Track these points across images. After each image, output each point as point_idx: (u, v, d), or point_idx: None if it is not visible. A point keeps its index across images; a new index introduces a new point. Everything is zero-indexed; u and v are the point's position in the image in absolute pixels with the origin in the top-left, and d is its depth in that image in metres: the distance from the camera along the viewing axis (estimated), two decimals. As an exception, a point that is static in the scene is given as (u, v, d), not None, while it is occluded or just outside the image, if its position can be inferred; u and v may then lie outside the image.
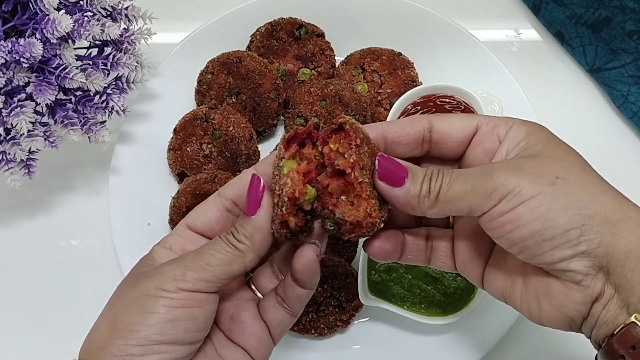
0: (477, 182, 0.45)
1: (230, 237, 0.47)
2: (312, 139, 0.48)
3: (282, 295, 0.51)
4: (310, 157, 0.48)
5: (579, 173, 0.45)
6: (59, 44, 0.63)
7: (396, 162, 0.47)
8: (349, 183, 0.46)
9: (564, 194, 0.43)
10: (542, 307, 0.46)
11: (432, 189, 0.46)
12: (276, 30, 0.81)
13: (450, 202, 0.45)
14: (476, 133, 0.50)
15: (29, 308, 0.75)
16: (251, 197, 0.47)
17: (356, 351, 0.72)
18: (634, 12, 0.84)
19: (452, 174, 0.46)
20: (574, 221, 0.43)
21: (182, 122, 0.76)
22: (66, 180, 0.80)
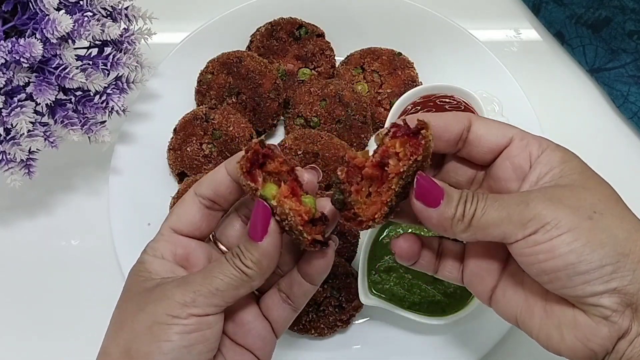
0: (514, 210, 0.45)
1: (237, 262, 0.47)
2: (268, 154, 0.48)
3: (286, 292, 0.51)
4: (279, 170, 0.48)
5: (615, 208, 0.46)
6: (59, 44, 0.63)
7: (434, 182, 0.47)
8: (381, 181, 0.47)
9: (601, 229, 0.43)
10: (565, 338, 0.46)
11: (466, 212, 0.46)
12: (276, 30, 0.81)
13: (483, 229, 0.46)
14: (509, 145, 0.50)
15: (29, 308, 0.75)
16: (257, 224, 0.47)
17: (356, 351, 0.72)
18: (634, 12, 0.84)
19: (487, 199, 0.46)
20: (609, 258, 0.43)
21: (182, 122, 0.76)
22: (66, 180, 0.80)
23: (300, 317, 0.70)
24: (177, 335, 0.45)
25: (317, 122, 0.77)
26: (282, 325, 0.52)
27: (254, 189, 0.46)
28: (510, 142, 0.50)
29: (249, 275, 0.47)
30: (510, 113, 0.77)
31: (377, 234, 0.72)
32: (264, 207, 0.46)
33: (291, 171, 0.48)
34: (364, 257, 0.70)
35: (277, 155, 0.48)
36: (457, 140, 0.51)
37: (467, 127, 0.50)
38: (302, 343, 0.72)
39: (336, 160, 0.73)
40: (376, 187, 0.47)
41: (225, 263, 0.47)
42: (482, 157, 0.51)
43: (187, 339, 0.45)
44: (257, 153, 0.47)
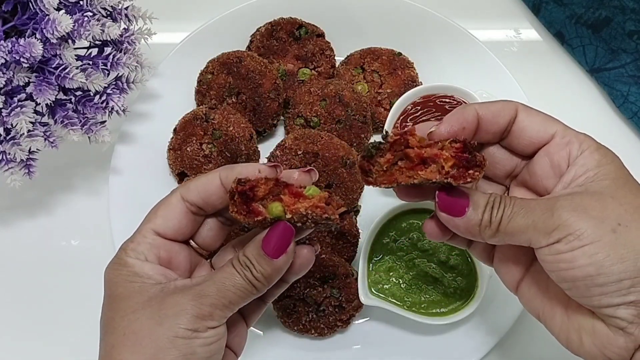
0: (539, 218, 0.45)
1: (248, 274, 0.48)
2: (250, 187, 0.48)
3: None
4: (269, 190, 0.49)
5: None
6: (59, 44, 0.63)
7: (459, 192, 0.48)
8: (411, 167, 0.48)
9: (623, 243, 0.44)
10: (584, 343, 0.47)
11: (493, 219, 0.47)
12: (276, 30, 0.81)
13: (510, 235, 0.47)
14: (550, 141, 0.50)
15: (29, 308, 0.75)
16: (278, 243, 0.48)
17: (356, 351, 0.72)
18: (634, 12, 0.84)
19: (515, 205, 0.47)
20: (628, 272, 0.43)
21: (182, 122, 0.76)
22: (66, 180, 0.80)
23: (300, 317, 0.70)
24: (200, 348, 0.46)
25: (317, 122, 0.77)
26: (252, 318, 0.54)
27: (262, 220, 0.48)
28: (552, 138, 0.50)
29: (257, 287, 0.48)
30: (510, 113, 0.77)
31: (377, 234, 0.72)
32: (287, 228, 0.48)
33: (277, 182, 0.49)
34: (364, 257, 0.70)
35: (257, 179, 0.49)
36: (503, 131, 0.51)
37: (514, 117, 0.51)
38: (302, 343, 0.72)
39: (336, 160, 0.73)
40: (404, 166, 0.49)
41: (236, 275, 0.48)
42: (523, 149, 0.51)
43: (209, 350, 0.47)
44: (242, 193, 0.48)
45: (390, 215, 0.72)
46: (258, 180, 0.49)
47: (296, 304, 0.70)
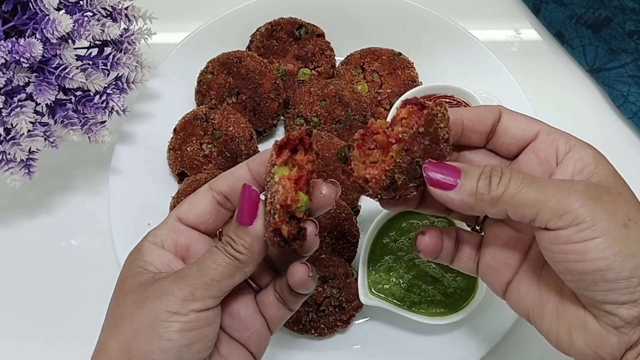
0: (553, 196, 0.44)
1: (229, 248, 0.47)
2: (304, 145, 0.48)
3: (280, 294, 0.51)
4: (303, 163, 0.48)
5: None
6: (59, 44, 0.63)
7: (446, 165, 0.46)
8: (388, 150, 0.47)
9: (634, 239, 0.43)
10: (574, 341, 0.46)
11: (492, 186, 0.45)
12: (276, 30, 0.81)
13: (516, 206, 0.45)
14: (535, 139, 0.50)
15: (29, 308, 0.75)
16: (246, 207, 0.47)
17: (356, 351, 0.72)
18: (634, 12, 0.84)
19: (524, 177, 0.45)
20: (638, 270, 0.43)
21: (182, 122, 0.76)
22: (66, 180, 0.80)
23: (300, 317, 0.70)
24: (177, 333, 0.45)
25: (317, 122, 0.77)
26: (276, 323, 0.52)
27: (273, 162, 0.46)
28: (536, 136, 0.50)
29: (241, 260, 0.47)
30: (510, 113, 0.77)
31: (377, 234, 0.72)
32: (252, 191, 0.47)
33: (311, 172, 0.48)
34: (364, 257, 0.70)
35: (313, 151, 0.48)
36: (489, 133, 0.51)
37: (497, 119, 0.51)
38: (302, 343, 0.72)
39: (336, 160, 0.73)
40: (383, 156, 0.48)
41: (217, 252, 0.47)
42: (507, 149, 0.51)
43: (188, 337, 0.45)
44: (299, 137, 0.47)
45: (390, 215, 0.72)
46: (312, 151, 0.48)
47: (296, 304, 0.70)
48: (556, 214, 0.43)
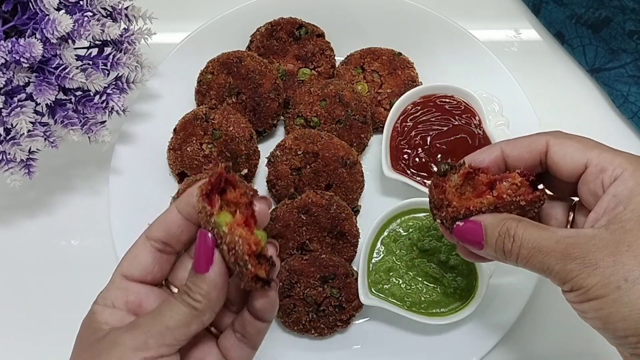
0: (554, 266, 0.48)
1: (186, 297, 0.45)
2: (230, 181, 0.47)
3: (241, 332, 0.49)
4: (238, 200, 0.47)
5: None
6: (59, 44, 0.63)
7: (472, 231, 0.52)
8: (482, 191, 0.53)
9: (626, 302, 0.45)
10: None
11: (506, 253, 0.51)
12: (276, 30, 0.81)
13: (532, 270, 0.50)
14: (585, 171, 0.51)
15: (29, 308, 0.75)
16: (202, 255, 0.45)
17: (356, 351, 0.72)
18: (634, 12, 0.84)
19: (533, 242, 0.49)
20: (631, 330, 0.45)
21: (182, 122, 0.76)
22: (66, 180, 0.80)
23: (300, 317, 0.70)
24: None
25: (317, 122, 0.77)
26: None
27: (209, 213, 0.45)
28: (585, 168, 0.51)
29: (198, 309, 0.45)
30: (510, 113, 0.77)
31: (377, 234, 0.72)
32: (207, 238, 0.45)
33: (249, 204, 0.47)
34: (364, 257, 0.70)
35: (240, 185, 0.47)
36: (537, 164, 0.53)
37: (544, 152, 0.53)
38: (302, 343, 0.72)
39: (336, 160, 0.73)
40: (475, 192, 0.53)
41: (173, 301, 0.46)
42: (567, 179, 0.53)
43: None
44: (220, 178, 0.46)
45: (390, 215, 0.72)
46: (239, 186, 0.47)
47: (296, 304, 0.70)
48: (561, 281, 0.48)
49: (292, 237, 0.72)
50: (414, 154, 0.75)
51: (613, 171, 0.49)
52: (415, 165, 0.75)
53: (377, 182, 0.79)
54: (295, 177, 0.74)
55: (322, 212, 0.71)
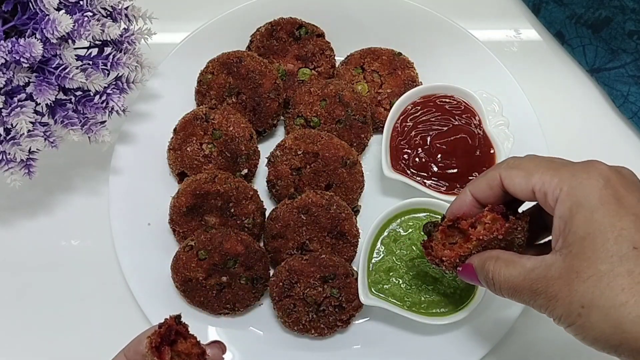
0: (528, 301, 0.51)
1: None
2: (180, 332, 0.47)
3: None
4: (189, 350, 0.47)
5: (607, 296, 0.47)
6: (59, 44, 0.63)
7: (468, 273, 0.56)
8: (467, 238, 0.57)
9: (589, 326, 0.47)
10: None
11: (493, 289, 0.54)
12: (276, 30, 0.81)
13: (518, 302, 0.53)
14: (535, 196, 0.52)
15: (28, 308, 0.75)
16: None
17: (356, 351, 0.72)
18: (634, 12, 0.84)
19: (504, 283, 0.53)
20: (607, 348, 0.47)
21: (182, 122, 0.76)
22: (66, 180, 0.80)
23: (300, 317, 0.70)
24: None
25: (317, 122, 0.77)
26: None
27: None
28: (534, 194, 0.52)
29: None
30: (510, 113, 0.77)
31: (377, 234, 0.72)
32: None
33: (202, 355, 0.47)
34: (364, 257, 0.70)
35: (191, 335, 0.47)
36: (505, 197, 0.55)
37: (501, 185, 0.54)
38: (302, 343, 0.72)
39: (336, 160, 0.73)
40: (462, 241, 0.57)
41: None
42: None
43: None
44: (170, 329, 0.46)
45: (390, 215, 0.72)
46: (190, 336, 0.47)
47: (296, 304, 0.70)
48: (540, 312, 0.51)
49: (292, 237, 0.72)
50: (414, 154, 0.75)
51: (553, 193, 0.50)
52: (415, 165, 0.75)
53: (377, 182, 0.79)
54: (295, 177, 0.74)
55: (322, 212, 0.71)
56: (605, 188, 0.48)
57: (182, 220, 0.73)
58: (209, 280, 0.70)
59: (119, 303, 0.74)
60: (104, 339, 0.73)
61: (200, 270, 0.70)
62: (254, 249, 0.71)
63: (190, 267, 0.70)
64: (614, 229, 0.46)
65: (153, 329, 0.46)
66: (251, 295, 0.71)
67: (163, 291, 0.73)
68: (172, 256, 0.71)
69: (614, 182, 0.48)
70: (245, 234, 0.71)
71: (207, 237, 0.70)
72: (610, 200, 0.47)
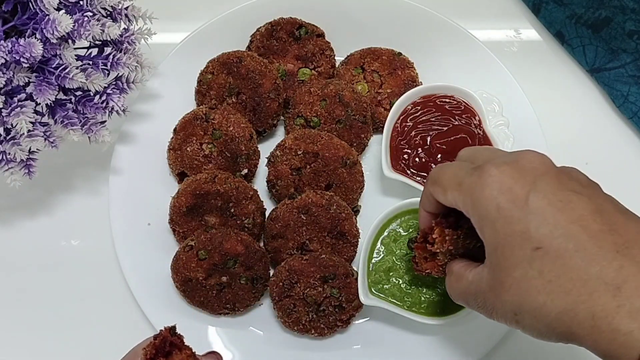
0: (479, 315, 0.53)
1: None
2: (175, 343, 0.47)
3: None
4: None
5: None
6: (59, 44, 0.63)
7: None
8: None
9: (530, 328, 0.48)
10: None
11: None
12: (276, 30, 0.81)
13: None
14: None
15: (28, 308, 0.75)
16: None
17: (356, 351, 0.72)
18: (634, 12, 0.84)
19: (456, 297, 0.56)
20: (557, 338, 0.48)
21: (182, 122, 0.76)
22: (66, 180, 0.80)
23: (300, 317, 0.70)
24: None
25: (317, 122, 0.77)
26: None
27: None
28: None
29: None
30: (510, 113, 0.78)
31: (377, 234, 0.72)
32: None
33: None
34: (364, 257, 0.70)
35: (186, 347, 0.47)
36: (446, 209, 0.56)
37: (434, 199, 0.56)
38: (302, 343, 0.72)
39: (336, 160, 0.73)
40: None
41: None
42: None
43: None
44: (165, 341, 0.46)
45: (390, 215, 0.72)
46: (185, 347, 0.47)
47: (296, 304, 0.70)
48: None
49: (292, 237, 0.72)
50: (414, 154, 0.75)
51: (465, 210, 0.51)
52: (415, 165, 0.75)
53: (377, 182, 0.79)
54: (295, 177, 0.74)
55: (322, 212, 0.71)
56: (501, 194, 0.48)
57: (182, 220, 0.73)
58: (209, 280, 0.70)
59: (119, 303, 0.74)
60: (104, 339, 0.73)
61: (200, 270, 0.70)
62: (254, 249, 0.71)
63: (190, 267, 0.70)
64: (515, 235, 0.46)
65: (148, 340, 0.46)
66: (251, 295, 0.71)
67: (163, 291, 0.73)
68: (172, 256, 0.71)
69: (510, 185, 0.48)
70: (245, 234, 0.71)
71: (207, 237, 0.70)
72: (507, 206, 0.47)
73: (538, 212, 0.46)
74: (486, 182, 0.48)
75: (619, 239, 0.44)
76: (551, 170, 0.48)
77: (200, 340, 0.71)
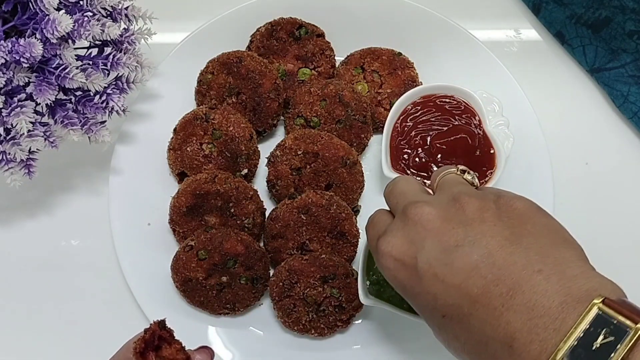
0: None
1: None
2: (164, 337, 0.47)
3: None
4: (174, 356, 0.47)
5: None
6: (59, 44, 0.63)
7: None
8: None
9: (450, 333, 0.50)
10: None
11: None
12: (276, 30, 0.81)
13: None
14: None
15: (28, 308, 0.75)
16: None
17: (356, 351, 0.72)
18: (634, 12, 0.84)
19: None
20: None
21: (182, 122, 0.76)
22: (66, 180, 0.80)
23: (300, 317, 0.70)
24: None
25: (317, 122, 0.77)
26: None
27: None
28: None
29: None
30: (510, 113, 0.77)
31: (377, 234, 0.72)
32: None
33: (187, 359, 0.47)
34: (364, 257, 0.70)
35: (175, 341, 0.47)
36: None
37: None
38: (302, 343, 0.72)
39: (336, 160, 0.73)
40: None
41: None
42: None
43: None
44: (154, 335, 0.46)
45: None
46: (175, 341, 0.47)
47: (296, 304, 0.70)
48: None
49: (292, 237, 0.72)
50: (414, 154, 0.75)
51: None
52: (415, 165, 0.75)
53: (377, 182, 0.79)
54: (295, 177, 0.74)
55: (322, 212, 0.71)
56: (397, 271, 0.50)
57: (182, 220, 0.73)
58: (209, 280, 0.70)
59: (119, 303, 0.74)
60: (104, 339, 0.73)
61: (200, 270, 0.70)
62: (254, 249, 0.71)
63: (190, 267, 0.70)
64: (423, 308, 0.50)
65: (139, 335, 0.47)
66: (251, 295, 0.71)
67: (163, 291, 0.73)
68: (172, 256, 0.71)
69: (400, 256, 0.50)
70: (245, 234, 0.71)
71: (207, 237, 0.70)
72: (407, 283, 0.50)
73: (431, 282, 0.47)
74: (383, 256, 0.51)
75: (503, 288, 0.44)
76: (435, 222, 0.49)
77: (200, 340, 0.71)
